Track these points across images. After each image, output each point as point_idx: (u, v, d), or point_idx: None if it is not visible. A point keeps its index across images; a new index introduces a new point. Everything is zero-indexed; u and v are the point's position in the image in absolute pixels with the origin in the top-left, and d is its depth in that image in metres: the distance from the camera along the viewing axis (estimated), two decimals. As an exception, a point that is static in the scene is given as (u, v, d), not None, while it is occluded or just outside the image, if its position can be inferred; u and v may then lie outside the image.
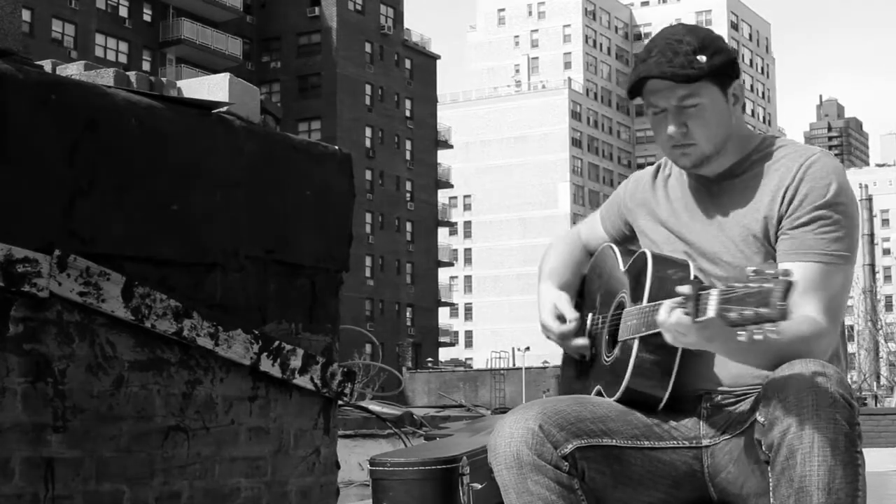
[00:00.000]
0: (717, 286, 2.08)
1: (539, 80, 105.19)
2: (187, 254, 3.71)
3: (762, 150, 2.43)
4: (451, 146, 74.25)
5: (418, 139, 68.79)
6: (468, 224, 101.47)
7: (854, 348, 52.78)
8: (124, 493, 3.46)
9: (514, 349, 60.61)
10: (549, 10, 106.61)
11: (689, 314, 2.11)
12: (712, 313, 2.05)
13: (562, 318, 2.56)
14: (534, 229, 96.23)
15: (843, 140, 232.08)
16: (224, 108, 3.96)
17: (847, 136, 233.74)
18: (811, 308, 2.26)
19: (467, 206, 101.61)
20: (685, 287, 2.13)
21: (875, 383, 46.58)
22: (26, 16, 43.68)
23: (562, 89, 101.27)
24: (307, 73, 62.65)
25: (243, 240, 3.88)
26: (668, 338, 2.20)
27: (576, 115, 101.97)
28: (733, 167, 2.43)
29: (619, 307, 2.47)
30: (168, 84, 4.14)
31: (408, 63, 68.36)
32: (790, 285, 1.98)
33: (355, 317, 55.61)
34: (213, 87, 4.16)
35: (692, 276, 2.35)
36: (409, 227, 67.93)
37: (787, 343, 2.16)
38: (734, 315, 2.02)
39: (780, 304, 1.97)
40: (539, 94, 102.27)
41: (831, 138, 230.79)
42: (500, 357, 63.44)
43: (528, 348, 53.04)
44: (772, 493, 2.15)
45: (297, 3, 62.73)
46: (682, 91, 2.33)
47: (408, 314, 67.17)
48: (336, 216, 4.28)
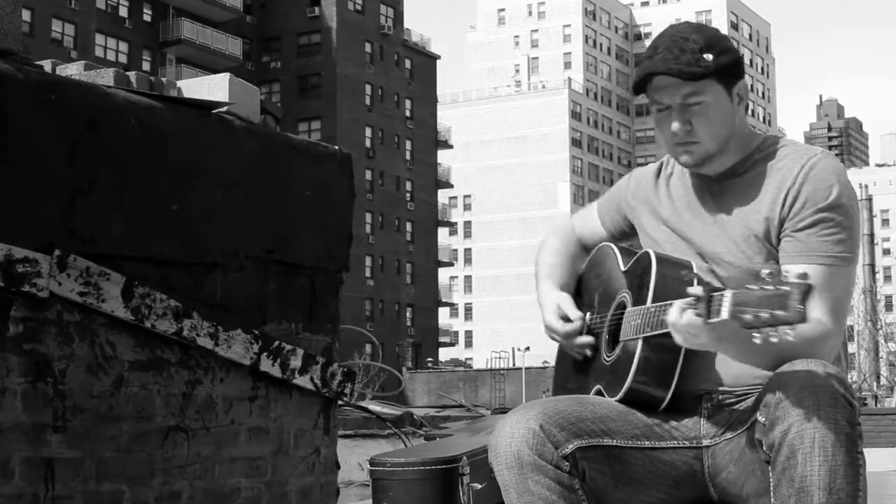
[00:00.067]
0: (730, 288, 2.09)
1: (539, 80, 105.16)
2: (187, 254, 3.70)
3: (764, 150, 2.43)
4: (451, 146, 74.23)
5: (418, 139, 68.77)
6: (468, 224, 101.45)
7: (854, 348, 52.77)
8: (124, 493, 3.46)
9: (514, 349, 60.63)
10: (549, 10, 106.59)
11: (700, 315, 2.12)
12: (726, 315, 2.06)
13: (566, 319, 2.56)
14: (534, 229, 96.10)
15: (843, 140, 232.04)
16: (224, 108, 3.96)
17: (847, 136, 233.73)
18: (817, 310, 2.26)
19: (467, 206, 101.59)
20: (696, 288, 2.14)
21: (875, 383, 46.54)
22: (26, 16, 43.67)
23: (562, 89, 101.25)
24: (307, 73, 62.64)
25: (243, 240, 3.88)
26: (679, 339, 2.20)
27: (576, 115, 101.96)
28: (735, 167, 2.43)
29: (621, 307, 2.47)
30: (168, 84, 4.14)
31: (408, 63, 68.34)
32: (809, 288, 1.98)
33: (355, 317, 55.59)
34: (213, 87, 4.16)
35: (693, 276, 2.34)
36: (409, 227, 67.91)
37: (795, 345, 2.16)
38: (749, 317, 2.02)
39: (799, 307, 1.97)
40: (539, 94, 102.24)
41: (831, 138, 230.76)
42: (500, 357, 63.43)
43: (528, 348, 53.06)
44: (772, 493, 2.15)
45: (297, 3, 62.72)
46: (687, 88, 2.33)
47: (408, 314, 67.15)
48: (336, 216, 4.28)
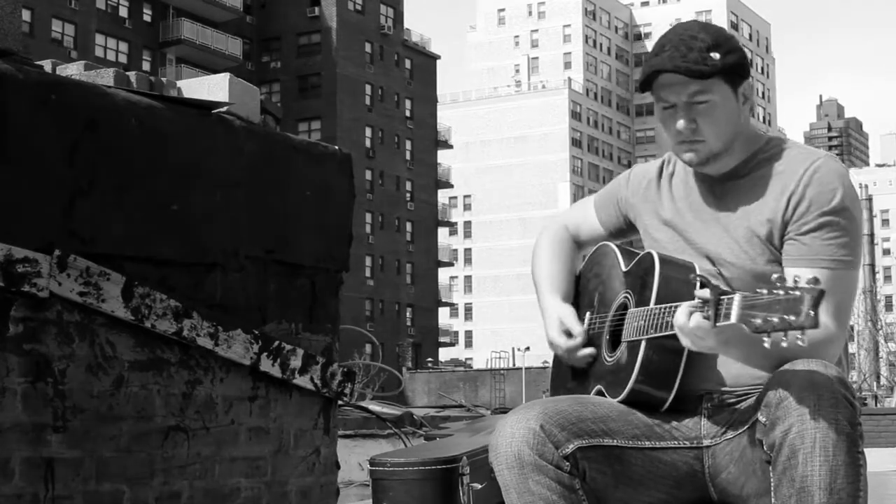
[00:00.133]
0: (739, 291, 2.09)
1: (539, 80, 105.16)
2: (187, 254, 3.70)
3: (767, 151, 2.43)
4: (451, 146, 74.23)
5: (418, 139, 68.77)
6: (468, 224, 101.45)
7: (854, 348, 52.73)
8: (124, 493, 3.46)
9: (514, 349, 60.64)
10: (549, 10, 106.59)
11: (707, 318, 2.12)
12: (734, 319, 2.06)
13: (568, 334, 2.56)
14: (534, 229, 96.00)
15: (843, 140, 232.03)
16: (224, 108, 3.96)
17: (847, 136, 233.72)
18: (821, 314, 2.26)
19: (467, 206, 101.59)
20: (704, 291, 2.14)
21: (875, 383, 46.52)
22: (26, 16, 43.67)
23: (562, 89, 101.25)
24: (307, 73, 62.63)
25: (243, 240, 3.88)
26: (685, 341, 2.20)
27: (576, 115, 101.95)
28: (739, 167, 2.43)
29: (622, 308, 2.47)
30: (168, 84, 4.14)
31: (408, 63, 68.34)
32: (822, 294, 1.98)
33: (355, 317, 55.60)
34: (213, 87, 4.16)
35: (698, 278, 2.34)
36: (409, 227, 67.91)
37: (799, 349, 2.16)
38: (759, 321, 2.02)
39: (811, 313, 1.97)
40: (539, 94, 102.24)
41: (831, 138, 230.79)
42: (500, 357, 63.43)
43: (528, 348, 53.07)
44: (773, 493, 2.15)
45: (297, 3, 62.72)
46: (694, 87, 2.33)
47: (408, 314, 67.15)
48: (336, 216, 4.28)
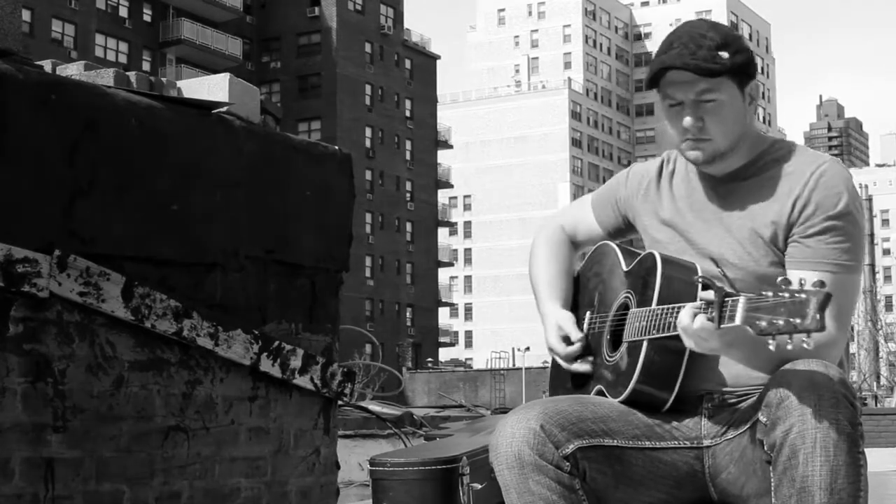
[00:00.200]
0: (744, 293, 2.09)
1: (539, 81, 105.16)
2: (187, 254, 3.70)
3: (772, 154, 2.43)
4: (451, 146, 74.22)
5: (418, 139, 68.77)
6: (468, 224, 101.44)
7: (854, 348, 52.74)
8: (124, 493, 3.46)
9: (514, 349, 60.62)
10: (549, 10, 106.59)
11: (712, 320, 2.12)
12: (739, 321, 2.06)
13: (567, 340, 2.56)
14: (534, 229, 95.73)
15: (843, 140, 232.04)
16: (224, 108, 3.96)
17: (847, 136, 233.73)
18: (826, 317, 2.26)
19: (467, 206, 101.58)
20: (708, 293, 2.14)
21: (875, 383, 46.53)
22: (26, 16, 43.67)
23: (562, 89, 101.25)
24: (307, 73, 62.63)
25: (243, 240, 3.88)
26: (689, 343, 2.20)
27: (576, 116, 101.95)
28: (742, 168, 2.43)
29: (623, 308, 2.47)
30: (168, 84, 4.14)
31: (408, 63, 68.34)
32: (828, 297, 1.98)
33: (355, 317, 55.59)
34: (213, 88, 4.16)
35: (701, 279, 2.34)
36: (409, 227, 67.90)
37: (801, 352, 2.16)
38: (764, 324, 2.02)
39: (817, 316, 1.97)
40: (539, 94, 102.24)
41: (831, 138, 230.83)
42: (500, 357, 63.43)
43: (528, 348, 53.05)
44: (773, 493, 2.15)
45: (297, 3, 62.71)
46: (702, 85, 2.33)
47: (408, 314, 67.15)
48: (336, 216, 4.28)
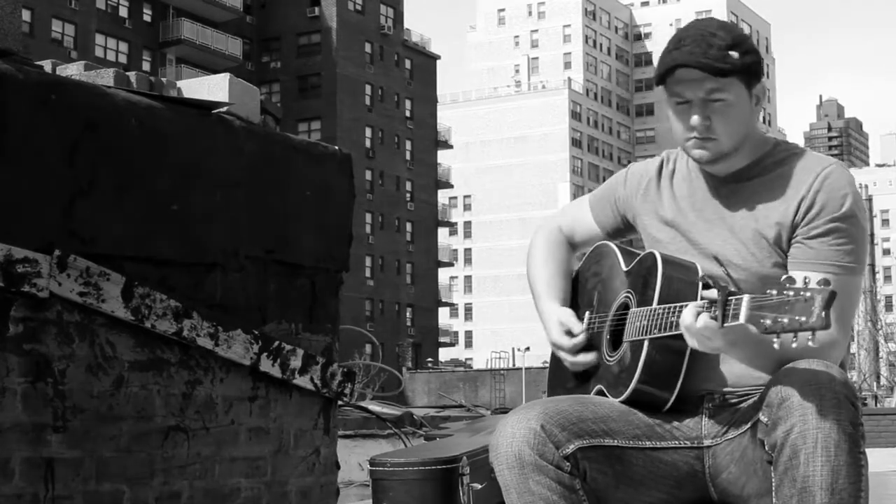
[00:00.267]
0: (747, 292, 2.09)
1: (539, 81, 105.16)
2: (187, 254, 3.70)
3: (776, 155, 2.43)
4: (451, 146, 74.22)
5: (418, 139, 68.77)
6: (468, 224, 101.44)
7: (854, 348, 52.77)
8: (124, 493, 3.46)
9: (514, 349, 60.63)
10: (549, 10, 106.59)
11: (715, 318, 2.12)
12: (743, 319, 2.06)
13: (570, 333, 2.56)
14: (534, 229, 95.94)
15: (843, 140, 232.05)
16: (224, 109, 3.96)
17: (847, 136, 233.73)
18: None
19: (467, 206, 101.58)
20: (711, 291, 2.15)
21: (875, 383, 46.56)
22: (26, 16, 43.67)
23: (562, 89, 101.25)
24: (307, 73, 62.63)
25: (243, 240, 3.88)
26: (692, 342, 2.20)
27: (576, 116, 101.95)
28: (746, 169, 2.43)
29: (623, 308, 2.47)
30: (168, 84, 4.14)
31: (408, 63, 68.33)
32: (833, 295, 1.99)
33: (355, 317, 55.59)
34: (213, 88, 4.16)
35: (703, 278, 2.34)
36: (409, 227, 67.90)
37: (804, 353, 2.16)
38: (768, 322, 2.02)
39: (822, 314, 1.97)
40: (539, 94, 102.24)
41: (831, 138, 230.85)
42: (500, 357, 63.43)
43: (528, 348, 53.06)
44: (774, 493, 2.15)
45: (297, 3, 62.71)
46: (711, 84, 2.33)
47: (408, 314, 67.15)
48: (336, 216, 4.28)
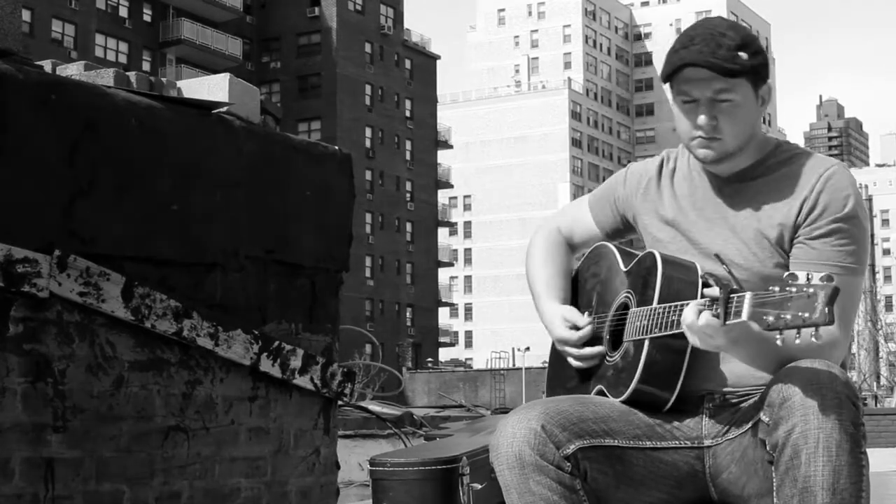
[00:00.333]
0: (749, 289, 2.09)
1: (539, 81, 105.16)
2: (187, 254, 3.70)
3: (778, 156, 2.43)
4: (451, 146, 74.22)
5: (418, 139, 68.76)
6: (468, 224, 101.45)
7: (854, 348, 52.78)
8: (124, 493, 3.46)
9: (514, 349, 60.61)
10: (549, 10, 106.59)
11: (717, 316, 2.12)
12: (745, 316, 2.06)
13: (575, 327, 2.56)
14: (533, 229, 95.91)
15: (843, 140, 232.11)
16: (224, 109, 3.96)
17: (847, 136, 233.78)
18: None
19: (467, 206, 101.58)
20: (713, 290, 2.15)
21: (875, 383, 46.58)
22: (26, 16, 43.67)
23: (562, 89, 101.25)
24: (307, 73, 62.62)
25: (243, 240, 3.88)
26: (694, 340, 2.20)
27: (576, 116, 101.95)
28: (749, 169, 2.43)
29: (623, 308, 2.47)
30: (168, 84, 4.13)
31: (408, 63, 68.33)
32: (836, 291, 1.98)
33: (355, 317, 55.59)
34: (213, 88, 4.16)
35: (704, 277, 2.34)
36: (409, 227, 67.90)
37: (805, 352, 2.17)
38: (771, 318, 2.02)
39: (826, 310, 1.97)
40: (539, 94, 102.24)
41: (831, 138, 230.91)
42: (500, 357, 63.43)
43: (528, 348, 53.04)
44: (775, 493, 2.15)
45: (297, 3, 62.72)
46: (719, 84, 2.33)
47: (408, 314, 67.14)
48: (336, 216, 4.28)
